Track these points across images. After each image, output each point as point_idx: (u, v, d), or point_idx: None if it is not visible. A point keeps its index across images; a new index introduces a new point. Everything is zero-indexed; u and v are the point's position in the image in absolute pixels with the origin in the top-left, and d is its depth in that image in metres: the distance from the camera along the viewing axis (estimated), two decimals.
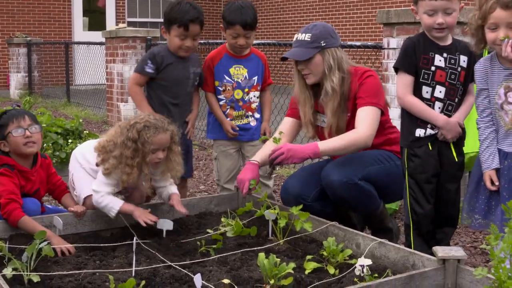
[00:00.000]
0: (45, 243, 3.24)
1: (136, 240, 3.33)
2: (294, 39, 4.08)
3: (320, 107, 4.14)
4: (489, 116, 3.43)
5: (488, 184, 3.38)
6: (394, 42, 5.79)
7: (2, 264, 3.23)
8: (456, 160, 3.70)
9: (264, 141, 4.36)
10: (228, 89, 4.71)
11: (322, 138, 4.13)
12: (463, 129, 3.73)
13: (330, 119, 4.04)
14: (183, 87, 4.65)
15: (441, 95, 3.62)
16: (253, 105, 4.77)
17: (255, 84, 4.74)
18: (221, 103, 4.74)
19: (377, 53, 6.54)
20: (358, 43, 6.65)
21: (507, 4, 3.18)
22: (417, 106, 3.62)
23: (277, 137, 4.06)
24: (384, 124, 4.08)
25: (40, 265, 3.27)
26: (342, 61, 4.01)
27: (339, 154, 4.04)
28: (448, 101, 3.64)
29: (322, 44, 3.98)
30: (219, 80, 4.72)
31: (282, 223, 3.69)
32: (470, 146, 5.00)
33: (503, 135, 3.39)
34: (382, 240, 3.45)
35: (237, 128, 4.72)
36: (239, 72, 4.70)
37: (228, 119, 4.72)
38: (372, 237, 3.54)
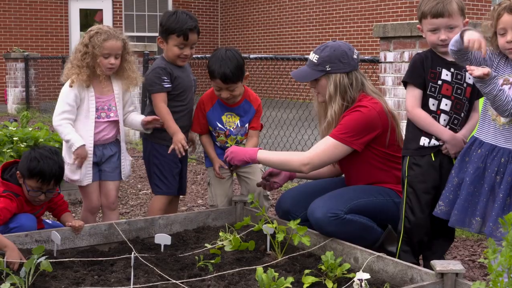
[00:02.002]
0: (43, 258, 3.24)
1: (134, 254, 3.33)
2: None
3: None
4: None
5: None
6: (391, 56, 5.81)
7: (0, 279, 3.22)
8: None
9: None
10: (221, 136, 4.62)
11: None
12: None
13: None
14: (190, 94, 4.67)
15: (447, 108, 3.66)
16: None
17: (247, 131, 4.65)
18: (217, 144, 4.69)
19: (374, 67, 6.56)
20: None
21: None
22: (424, 119, 3.65)
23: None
24: (393, 159, 3.96)
25: (38, 280, 3.27)
26: (348, 88, 3.92)
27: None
28: (454, 115, 3.67)
29: (327, 69, 3.92)
30: (212, 127, 4.63)
31: (280, 237, 3.69)
32: None
33: (487, 125, 3.45)
34: (380, 254, 3.45)
35: (226, 167, 4.51)
36: (231, 119, 4.60)
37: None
38: (370, 251, 3.54)
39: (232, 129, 4.58)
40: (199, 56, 9.47)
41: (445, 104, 3.65)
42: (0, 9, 19.09)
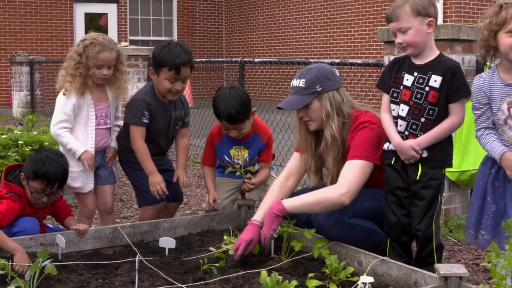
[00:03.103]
0: (48, 261, 3.24)
1: (139, 257, 3.33)
2: (291, 85, 3.92)
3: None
4: (489, 125, 3.50)
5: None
6: None
7: (5, 283, 3.23)
8: (417, 178, 3.64)
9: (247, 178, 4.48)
10: (230, 168, 4.61)
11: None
12: (443, 149, 3.68)
13: (331, 168, 3.90)
14: (163, 135, 4.55)
15: (403, 114, 3.65)
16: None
17: (255, 164, 4.65)
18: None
19: (378, 71, 6.56)
20: (359, 61, 6.68)
21: None
22: (383, 123, 3.73)
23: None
24: None
25: (43, 284, 3.28)
26: (341, 104, 3.83)
27: (309, 211, 3.79)
28: (412, 120, 3.63)
29: (318, 89, 3.79)
30: (219, 159, 4.66)
31: (297, 247, 3.71)
32: (471, 163, 5.02)
33: (506, 148, 3.42)
34: (384, 258, 3.45)
35: (219, 201, 4.54)
36: (239, 153, 4.58)
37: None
38: (374, 254, 3.54)
39: (240, 162, 4.54)
40: (203, 60, 9.51)
41: (402, 110, 3.65)
42: (5, 13, 19.15)
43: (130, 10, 21.04)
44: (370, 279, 3.09)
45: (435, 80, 3.57)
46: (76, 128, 4.41)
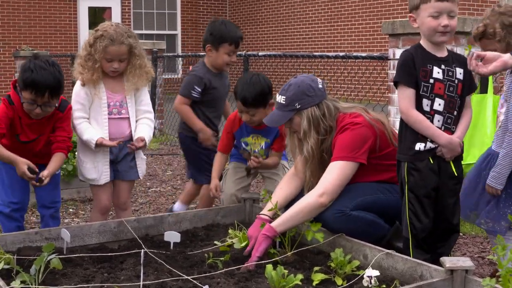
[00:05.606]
0: (54, 255, 3.25)
1: (144, 251, 3.33)
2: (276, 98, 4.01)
3: None
4: None
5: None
6: (400, 53, 5.79)
7: (10, 277, 3.24)
8: (456, 174, 3.57)
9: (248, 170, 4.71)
10: (245, 154, 4.73)
11: None
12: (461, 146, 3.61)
13: (308, 180, 3.96)
14: (223, 101, 5.10)
15: (440, 108, 3.49)
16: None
17: (268, 154, 4.70)
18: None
19: (383, 64, 6.55)
20: (363, 54, 6.67)
21: None
22: (420, 122, 3.47)
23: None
24: (386, 161, 3.89)
25: (48, 278, 3.27)
26: (321, 119, 3.86)
27: (298, 222, 3.73)
28: (447, 114, 3.51)
29: (297, 107, 3.85)
30: (237, 145, 4.77)
31: (291, 233, 3.70)
32: (477, 157, 4.99)
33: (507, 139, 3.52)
34: (390, 251, 3.44)
35: (220, 193, 4.73)
36: (256, 141, 4.65)
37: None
38: (380, 248, 3.53)
39: (256, 150, 4.66)
40: None
41: (439, 104, 3.48)
42: (9, 7, 19.16)
43: (134, 4, 21.04)
44: (376, 273, 3.09)
45: (460, 73, 3.52)
46: (91, 118, 4.36)
